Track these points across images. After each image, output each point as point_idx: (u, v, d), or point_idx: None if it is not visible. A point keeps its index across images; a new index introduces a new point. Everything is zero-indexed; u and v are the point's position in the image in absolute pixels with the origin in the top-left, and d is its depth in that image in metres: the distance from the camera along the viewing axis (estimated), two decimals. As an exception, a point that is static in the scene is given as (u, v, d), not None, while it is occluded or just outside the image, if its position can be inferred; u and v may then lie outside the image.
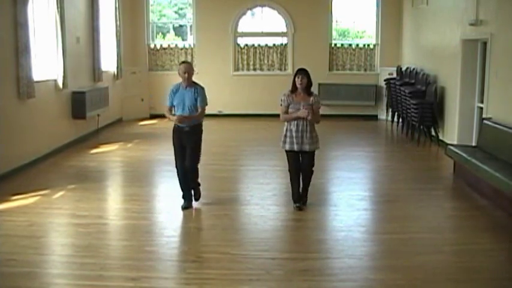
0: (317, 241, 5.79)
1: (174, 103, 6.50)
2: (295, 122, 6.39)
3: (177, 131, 6.53)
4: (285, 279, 4.82)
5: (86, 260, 5.12)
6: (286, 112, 6.48)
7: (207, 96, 6.58)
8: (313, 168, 6.60)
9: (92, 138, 11.17)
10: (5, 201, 6.81)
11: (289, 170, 6.61)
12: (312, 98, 6.46)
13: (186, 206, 6.59)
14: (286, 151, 6.55)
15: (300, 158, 6.53)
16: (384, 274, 4.91)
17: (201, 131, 6.62)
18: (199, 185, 6.76)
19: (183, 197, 6.66)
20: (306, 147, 6.43)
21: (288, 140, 6.46)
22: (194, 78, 6.57)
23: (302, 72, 6.44)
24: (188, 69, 6.43)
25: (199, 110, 6.48)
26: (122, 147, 10.59)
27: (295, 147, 6.43)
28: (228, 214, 6.50)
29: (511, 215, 6.38)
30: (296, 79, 6.42)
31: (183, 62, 6.64)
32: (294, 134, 6.41)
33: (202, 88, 6.54)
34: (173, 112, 6.56)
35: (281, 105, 6.56)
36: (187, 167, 6.53)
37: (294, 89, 6.48)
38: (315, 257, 5.32)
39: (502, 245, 5.66)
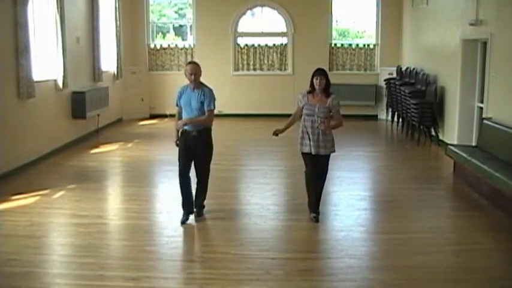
0: (317, 241, 5.80)
1: (181, 104, 6.21)
2: (310, 124, 6.11)
3: (184, 134, 6.19)
4: (285, 279, 4.82)
5: (86, 260, 5.13)
6: (299, 114, 6.26)
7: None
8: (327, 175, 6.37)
9: (92, 138, 11.18)
10: (5, 201, 6.82)
11: (305, 173, 6.34)
12: (329, 101, 6.14)
13: (185, 220, 6.21)
14: (302, 153, 6.27)
15: (315, 161, 6.25)
16: (384, 274, 4.91)
17: (209, 136, 6.26)
18: (202, 206, 6.43)
19: (183, 207, 6.28)
20: (321, 151, 6.16)
21: (304, 142, 6.19)
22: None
23: (320, 72, 6.16)
24: (195, 70, 6.06)
25: (206, 113, 6.13)
26: (122, 147, 10.59)
27: (312, 150, 6.15)
28: (228, 214, 6.50)
29: (511, 215, 6.38)
30: (314, 80, 6.12)
31: (190, 63, 6.25)
32: (310, 137, 6.12)
33: (210, 90, 6.18)
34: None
35: (297, 103, 6.33)
36: (197, 180, 6.31)
37: (312, 89, 6.20)
38: (315, 257, 5.33)
39: (502, 245, 5.67)
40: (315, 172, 6.25)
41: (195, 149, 6.18)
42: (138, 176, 8.45)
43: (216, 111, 6.42)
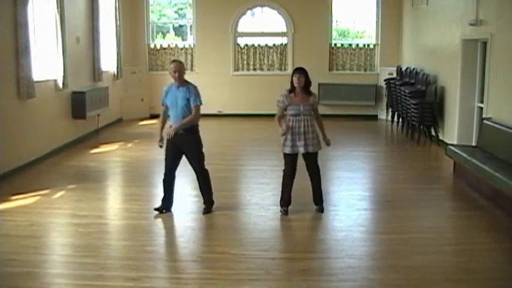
0: (317, 241, 5.79)
1: (167, 103, 6.30)
2: (297, 124, 6.23)
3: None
4: (284, 279, 4.82)
5: (86, 260, 5.13)
6: (282, 115, 6.33)
7: (208, 95, 6.34)
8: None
9: (92, 138, 11.18)
10: (5, 201, 6.82)
11: (284, 172, 6.45)
12: (311, 99, 6.32)
13: (159, 209, 6.41)
14: (286, 154, 6.36)
15: (304, 161, 6.40)
16: (384, 274, 4.91)
17: (197, 133, 6.34)
18: (211, 202, 6.52)
19: (162, 199, 6.48)
20: (310, 149, 6.29)
21: (289, 143, 6.27)
22: (195, 78, 6.42)
23: (300, 71, 6.28)
24: (178, 68, 6.15)
25: (193, 110, 6.20)
26: (122, 147, 10.59)
27: (299, 150, 6.27)
28: (228, 214, 6.50)
29: (511, 215, 6.39)
30: (294, 78, 6.24)
31: (173, 61, 6.31)
32: (296, 137, 6.24)
33: (195, 87, 6.27)
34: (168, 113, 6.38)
35: (278, 105, 6.38)
36: (197, 179, 6.44)
37: (292, 88, 6.30)
38: (314, 257, 5.32)
39: (502, 245, 5.67)
40: (295, 171, 6.43)
41: (184, 148, 6.28)
42: (138, 176, 8.45)
43: (216, 111, 6.45)
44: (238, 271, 4.93)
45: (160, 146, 6.49)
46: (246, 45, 14.69)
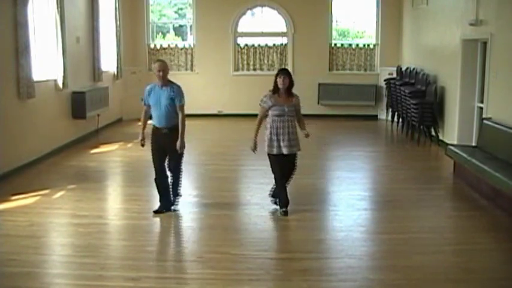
0: (317, 241, 5.78)
1: (151, 103, 6.34)
2: (281, 124, 6.27)
3: (155, 133, 6.36)
4: (284, 279, 4.82)
5: (86, 260, 5.13)
6: (264, 116, 6.39)
7: (208, 95, 6.36)
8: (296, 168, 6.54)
9: (92, 138, 11.18)
10: (5, 201, 6.82)
11: (275, 174, 6.44)
12: (294, 100, 6.36)
13: (158, 210, 6.42)
14: (273, 155, 6.36)
15: (284, 160, 6.40)
16: (384, 274, 4.92)
17: None
18: (177, 195, 6.59)
19: (160, 200, 6.51)
20: (295, 150, 6.36)
21: (275, 143, 6.31)
22: (195, 78, 6.44)
23: (284, 72, 6.35)
24: (162, 67, 6.22)
25: (180, 110, 6.26)
26: (122, 147, 10.59)
27: (285, 150, 6.29)
28: (228, 214, 6.50)
29: (511, 215, 6.39)
30: (278, 79, 6.29)
31: (158, 60, 6.41)
32: (281, 137, 6.28)
33: (179, 86, 6.33)
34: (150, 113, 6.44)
35: (261, 105, 6.42)
36: (171, 174, 6.49)
37: (276, 89, 6.35)
38: (314, 257, 5.32)
39: (502, 245, 5.67)
40: (285, 172, 6.42)
41: (168, 147, 6.32)
42: (138, 176, 8.44)
43: (216, 111, 6.49)
44: (238, 271, 4.93)
45: (142, 145, 6.56)
46: (246, 45, 14.69)
